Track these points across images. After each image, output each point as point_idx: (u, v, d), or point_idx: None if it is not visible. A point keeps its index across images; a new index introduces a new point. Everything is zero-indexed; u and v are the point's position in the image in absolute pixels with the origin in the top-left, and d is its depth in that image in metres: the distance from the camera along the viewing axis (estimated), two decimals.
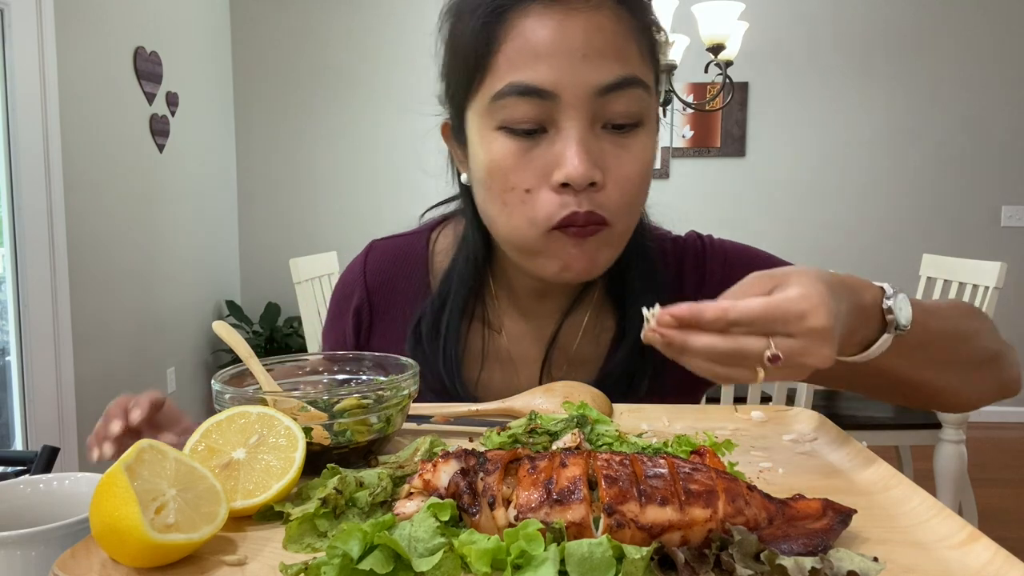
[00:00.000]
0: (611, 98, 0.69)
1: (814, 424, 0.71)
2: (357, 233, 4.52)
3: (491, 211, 0.74)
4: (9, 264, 2.90)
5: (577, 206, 0.69)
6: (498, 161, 0.71)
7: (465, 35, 0.72)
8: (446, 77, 0.77)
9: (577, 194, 0.69)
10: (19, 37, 2.80)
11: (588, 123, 0.69)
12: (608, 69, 0.68)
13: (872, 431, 2.60)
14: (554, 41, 0.68)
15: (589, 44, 0.68)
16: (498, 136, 0.70)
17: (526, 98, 0.68)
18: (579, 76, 0.68)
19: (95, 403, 3.18)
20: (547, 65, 0.67)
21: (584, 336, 0.86)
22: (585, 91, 0.68)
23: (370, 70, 4.43)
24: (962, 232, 4.31)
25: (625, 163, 0.70)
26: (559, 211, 0.69)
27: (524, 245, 0.73)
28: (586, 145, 0.68)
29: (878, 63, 4.29)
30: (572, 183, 0.68)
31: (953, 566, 0.44)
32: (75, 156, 3.05)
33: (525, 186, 0.70)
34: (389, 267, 0.92)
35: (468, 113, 0.74)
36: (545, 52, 0.68)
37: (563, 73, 0.67)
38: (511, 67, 0.69)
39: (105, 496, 0.43)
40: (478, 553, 0.41)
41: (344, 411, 0.60)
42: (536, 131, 0.70)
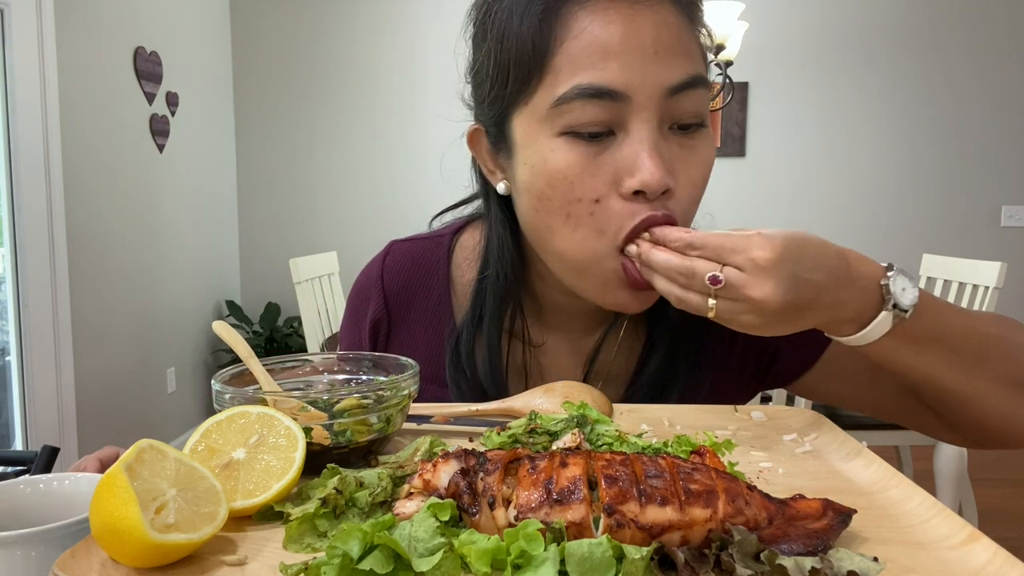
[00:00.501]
0: (680, 98, 0.65)
1: (814, 424, 0.71)
2: (357, 233, 4.53)
3: (552, 225, 0.68)
4: (9, 264, 2.90)
5: (652, 210, 0.65)
6: (563, 170, 0.66)
7: (514, 35, 0.66)
8: (486, 80, 0.71)
9: (650, 202, 0.65)
10: (19, 37, 2.80)
11: (658, 124, 0.65)
12: (679, 67, 0.65)
13: (872, 431, 2.60)
14: (624, 38, 0.63)
15: (659, 42, 0.64)
16: (561, 143, 0.66)
17: (595, 100, 0.63)
18: (651, 75, 0.64)
19: (95, 403, 3.18)
20: (618, 64, 0.63)
21: (617, 351, 0.84)
22: (657, 91, 0.64)
23: (370, 70, 4.43)
24: (962, 232, 4.31)
25: (692, 165, 0.68)
26: (629, 221, 0.65)
27: (587, 264, 0.68)
28: (659, 149, 0.65)
29: (878, 63, 4.29)
30: (648, 190, 0.64)
31: (953, 566, 0.44)
32: (75, 156, 3.05)
33: (593, 196, 0.65)
34: (408, 272, 0.88)
35: (516, 118, 0.69)
36: (615, 50, 0.63)
37: (635, 72, 0.63)
38: (576, 68, 0.64)
39: (105, 496, 0.43)
40: (478, 553, 0.41)
41: (344, 411, 0.60)
42: (603, 135, 0.65)
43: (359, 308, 0.91)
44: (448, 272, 0.88)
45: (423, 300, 0.88)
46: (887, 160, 4.34)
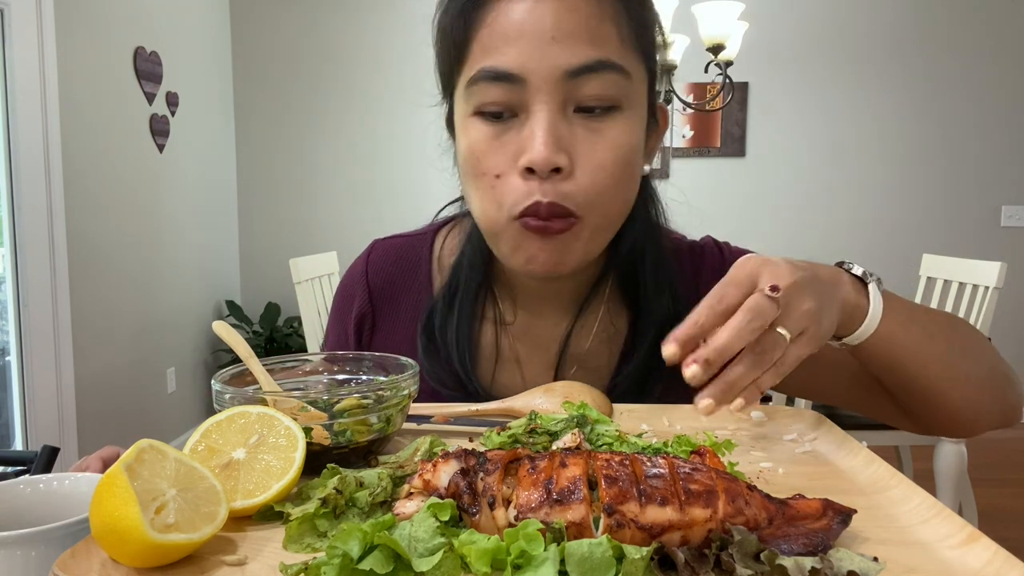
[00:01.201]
0: (582, 81, 0.67)
1: (814, 424, 0.71)
2: (357, 233, 4.53)
3: (467, 195, 0.74)
4: (9, 264, 2.90)
5: (541, 195, 0.67)
6: (472, 146, 0.70)
7: (447, 23, 0.72)
8: (437, 67, 0.77)
9: (542, 181, 0.67)
10: (19, 37, 2.80)
11: (558, 107, 0.67)
12: (579, 51, 0.67)
13: (872, 431, 2.60)
14: (523, 24, 0.67)
15: (559, 26, 0.66)
16: (474, 121, 0.70)
17: (496, 83, 0.68)
18: (547, 59, 0.66)
19: (95, 403, 3.18)
20: (515, 49, 0.67)
21: (595, 338, 0.84)
22: (553, 74, 0.66)
23: (370, 70, 4.44)
24: (962, 232, 4.31)
25: (597, 148, 0.68)
26: (524, 199, 0.68)
27: (492, 232, 0.73)
28: (553, 129, 0.67)
29: (878, 63, 4.29)
30: (535, 167, 0.66)
31: (953, 566, 0.44)
32: (75, 156, 3.05)
33: (495, 171, 0.69)
34: (392, 268, 0.90)
35: (454, 103, 0.75)
36: (514, 35, 0.67)
37: (531, 56, 0.66)
38: (484, 52, 0.68)
39: (105, 496, 0.43)
40: (478, 553, 0.41)
41: (344, 411, 0.60)
42: (506, 115, 0.69)
43: (344, 305, 0.92)
44: (431, 267, 0.90)
45: (407, 295, 0.89)
46: (887, 160, 4.34)
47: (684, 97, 4.19)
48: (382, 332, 0.90)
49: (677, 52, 3.01)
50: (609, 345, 0.84)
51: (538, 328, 0.85)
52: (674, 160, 4.41)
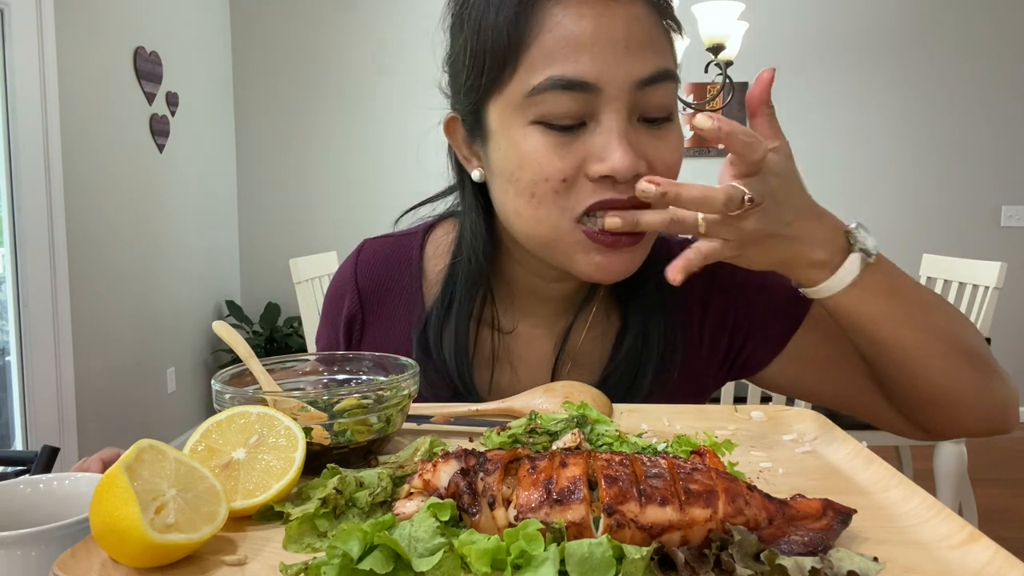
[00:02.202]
0: (649, 91, 0.68)
1: (814, 424, 0.71)
2: (357, 233, 4.51)
3: (517, 204, 0.71)
4: (9, 264, 2.90)
5: (617, 193, 0.67)
6: (533, 155, 0.68)
7: (491, 26, 0.69)
8: (463, 69, 0.73)
9: (616, 185, 0.67)
10: (19, 37, 2.80)
11: (627, 115, 0.68)
12: (649, 61, 0.67)
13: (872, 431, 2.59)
14: (596, 32, 0.66)
15: (630, 36, 0.67)
16: (533, 131, 0.68)
17: (568, 92, 0.66)
18: (622, 68, 0.66)
19: (95, 403, 3.18)
20: (590, 57, 0.66)
21: (588, 335, 0.85)
22: (628, 83, 0.67)
23: (370, 70, 4.44)
24: (962, 232, 4.31)
25: (664, 153, 0.70)
26: (593, 198, 0.68)
27: (551, 238, 0.71)
28: (628, 137, 0.67)
29: (878, 63, 4.29)
30: (617, 175, 0.66)
31: (953, 566, 0.44)
32: (75, 156, 3.05)
33: (561, 177, 0.68)
34: (381, 268, 0.90)
35: (491, 107, 0.71)
36: (587, 43, 0.66)
37: (607, 65, 0.66)
38: (549, 59, 0.66)
39: (105, 496, 0.43)
40: (478, 553, 0.41)
41: (344, 411, 0.60)
42: (575, 126, 0.68)
43: (334, 306, 0.92)
44: (420, 267, 0.89)
45: (396, 295, 0.89)
46: (887, 160, 4.34)
47: (684, 97, 4.19)
48: (371, 333, 0.90)
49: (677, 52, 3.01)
50: (601, 342, 0.85)
51: (534, 329, 0.85)
52: None
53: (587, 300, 0.84)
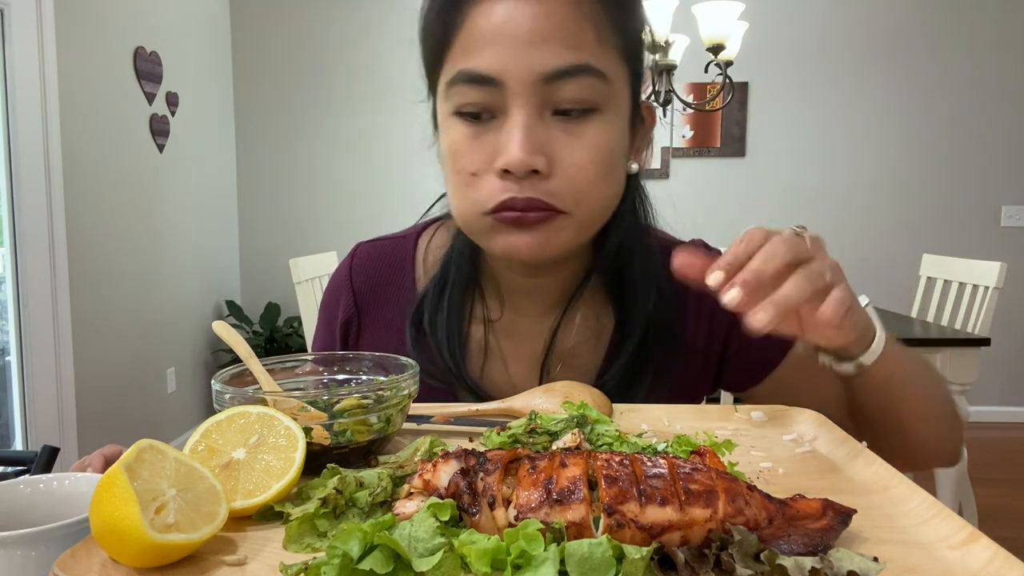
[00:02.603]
0: (560, 84, 0.67)
1: (814, 424, 0.71)
2: (357, 233, 4.50)
3: (447, 190, 0.76)
4: (9, 264, 2.90)
5: (518, 192, 0.68)
6: (451, 145, 0.72)
7: (428, 24, 0.74)
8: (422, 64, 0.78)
9: (519, 181, 0.68)
10: (19, 37, 2.80)
11: (536, 109, 0.68)
12: (556, 55, 0.67)
13: None
14: (501, 27, 0.67)
15: (536, 30, 0.67)
16: (454, 121, 0.71)
17: (474, 85, 0.68)
18: (523, 62, 0.67)
19: (95, 403, 3.18)
20: (492, 52, 0.67)
21: (581, 336, 0.85)
22: (530, 77, 0.67)
23: (370, 70, 4.44)
24: (962, 232, 4.31)
25: (576, 150, 0.69)
26: (498, 196, 0.69)
27: (468, 226, 0.75)
28: (530, 132, 0.67)
29: (878, 63, 4.29)
30: (512, 169, 0.67)
31: (953, 566, 0.44)
32: (75, 156, 3.06)
33: (472, 170, 0.70)
34: (375, 270, 0.91)
35: (437, 100, 0.76)
36: (491, 38, 0.67)
37: (507, 60, 0.67)
38: (463, 54, 0.69)
39: (105, 496, 0.43)
40: (478, 553, 0.41)
41: (344, 411, 0.60)
42: (485, 116, 0.70)
43: (330, 309, 0.93)
44: (414, 268, 0.90)
45: (391, 296, 0.90)
46: (887, 160, 4.34)
47: (684, 97, 4.19)
48: (367, 334, 0.90)
49: (677, 52, 3.01)
50: (595, 343, 0.85)
51: (523, 325, 0.85)
52: (674, 160, 4.41)
53: (574, 299, 0.84)
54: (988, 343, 2.49)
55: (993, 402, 4.36)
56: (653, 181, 4.43)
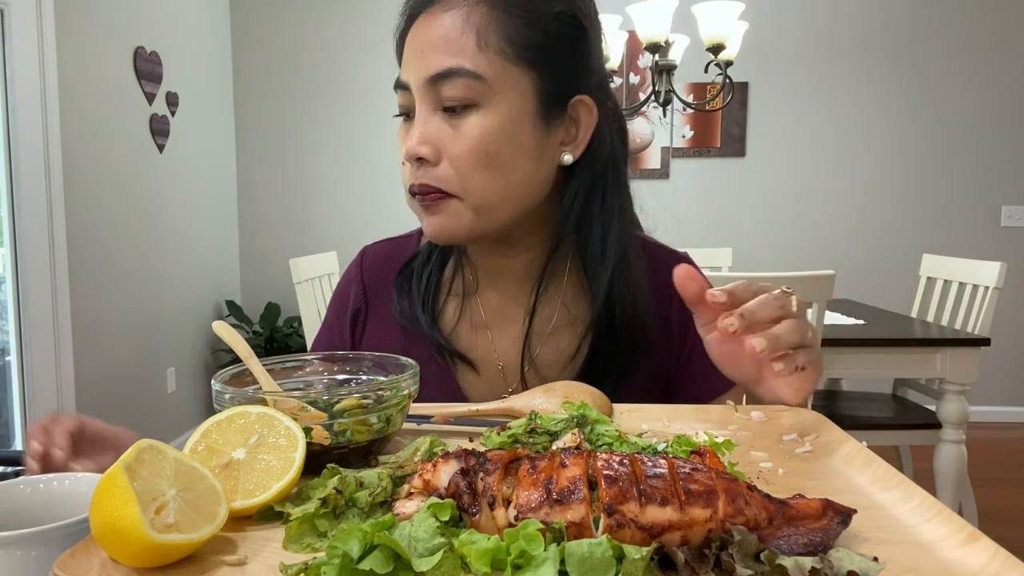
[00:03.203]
0: (440, 85, 0.78)
1: (814, 424, 0.71)
2: (357, 233, 4.53)
3: None
4: (9, 263, 2.90)
5: (415, 179, 0.81)
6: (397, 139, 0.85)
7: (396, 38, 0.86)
8: None
9: (416, 168, 0.80)
10: (19, 37, 2.80)
11: (430, 108, 0.80)
12: (437, 61, 0.78)
13: (872, 431, 2.60)
14: (411, 41, 0.81)
15: (425, 41, 0.79)
16: (399, 120, 0.85)
17: (400, 91, 0.82)
18: (418, 69, 0.79)
19: (95, 403, 3.18)
20: (406, 62, 0.81)
21: (560, 320, 0.91)
22: (420, 80, 0.79)
23: (370, 70, 4.43)
24: (962, 232, 4.31)
25: (456, 142, 0.79)
26: (408, 181, 0.82)
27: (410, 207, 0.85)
28: (422, 126, 0.79)
29: (878, 63, 4.29)
30: (406, 159, 0.80)
31: (953, 566, 0.44)
32: (75, 156, 3.06)
33: (401, 159, 0.83)
34: (383, 265, 0.98)
35: None
36: (407, 51, 0.81)
37: (409, 67, 0.80)
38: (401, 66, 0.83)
39: (105, 496, 0.43)
40: (478, 553, 0.41)
41: (344, 411, 0.60)
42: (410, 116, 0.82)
43: (341, 303, 1.00)
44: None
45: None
46: (887, 160, 4.34)
47: (684, 97, 4.19)
48: (372, 323, 0.97)
49: (677, 52, 3.01)
50: (571, 328, 0.90)
51: (503, 302, 0.93)
52: (674, 160, 4.41)
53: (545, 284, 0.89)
54: (988, 343, 2.49)
55: (993, 402, 4.37)
56: (653, 181, 4.46)
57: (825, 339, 2.38)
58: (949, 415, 2.51)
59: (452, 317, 0.93)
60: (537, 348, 0.90)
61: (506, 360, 0.90)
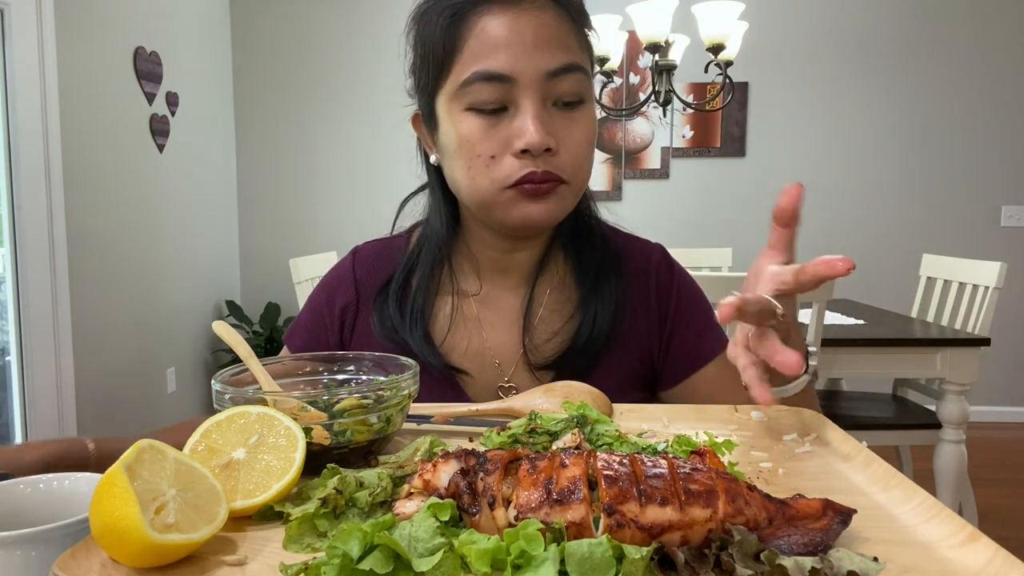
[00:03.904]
0: (558, 80, 0.82)
1: (814, 424, 0.71)
2: (356, 233, 4.51)
3: (458, 176, 0.86)
4: (9, 263, 2.90)
5: (536, 167, 0.82)
6: (467, 135, 0.83)
7: (432, 35, 0.84)
8: (416, 72, 0.89)
9: (535, 158, 0.82)
10: (19, 37, 2.80)
11: (541, 101, 0.82)
12: (555, 56, 0.81)
13: (872, 431, 2.60)
14: (510, 35, 0.81)
15: (538, 36, 0.81)
16: (467, 116, 0.83)
17: (489, 83, 0.81)
18: (532, 62, 0.80)
19: (95, 403, 3.19)
20: (505, 55, 0.80)
21: (550, 307, 0.95)
22: (537, 74, 0.81)
23: (370, 70, 4.44)
24: (962, 232, 4.31)
25: (574, 132, 0.84)
26: (519, 172, 0.82)
27: (485, 202, 0.85)
28: (541, 119, 0.81)
29: (878, 63, 4.29)
30: (531, 149, 0.81)
31: (953, 566, 0.44)
32: (75, 156, 3.05)
33: (490, 153, 0.83)
34: (374, 263, 1.00)
35: (439, 100, 0.86)
36: (504, 44, 0.81)
37: (518, 60, 0.80)
38: (475, 58, 0.81)
39: (105, 496, 0.43)
40: (478, 553, 0.41)
41: (344, 411, 0.60)
42: (499, 110, 0.82)
43: (327, 297, 1.00)
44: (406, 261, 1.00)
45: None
46: (887, 160, 4.34)
47: (684, 97, 4.19)
48: (362, 322, 0.98)
49: (677, 52, 3.01)
50: (562, 314, 0.95)
51: (499, 295, 0.97)
52: (674, 160, 4.41)
53: (542, 273, 0.96)
54: (988, 343, 2.49)
55: (993, 402, 4.37)
56: (653, 181, 4.46)
57: (825, 339, 2.38)
58: (949, 415, 2.51)
59: (445, 320, 0.95)
60: (535, 333, 0.94)
61: (501, 351, 0.93)
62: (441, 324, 0.95)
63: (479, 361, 0.93)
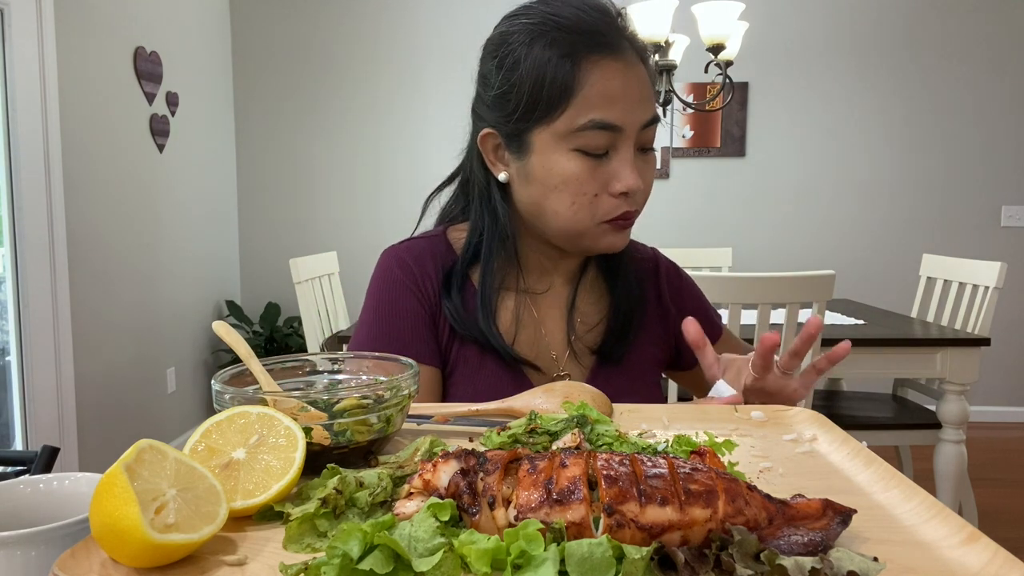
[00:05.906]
0: (647, 130, 0.93)
1: (814, 424, 0.71)
2: (357, 233, 4.54)
3: (557, 208, 0.94)
4: (9, 264, 2.90)
5: (629, 206, 0.93)
6: (576, 174, 0.91)
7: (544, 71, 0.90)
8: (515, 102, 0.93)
9: (628, 197, 0.93)
10: (19, 37, 2.80)
11: (635, 148, 0.92)
12: (649, 110, 0.93)
13: (872, 431, 2.60)
14: (624, 88, 0.90)
15: (642, 92, 0.92)
16: (575, 156, 0.91)
17: (603, 131, 0.90)
18: (637, 115, 0.91)
19: (95, 403, 3.18)
20: (620, 107, 0.90)
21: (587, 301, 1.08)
22: (638, 125, 0.91)
23: (370, 70, 4.44)
24: (962, 232, 4.31)
25: (648, 174, 0.96)
26: (618, 209, 0.93)
27: (578, 231, 0.95)
28: (635, 164, 0.92)
29: (878, 63, 4.29)
30: (629, 191, 0.92)
31: (953, 566, 0.44)
32: (75, 156, 3.05)
33: (594, 192, 0.92)
34: (424, 262, 1.03)
35: (537, 131, 0.92)
36: (619, 97, 0.90)
37: (629, 113, 0.90)
38: (590, 106, 0.89)
39: (105, 496, 0.43)
40: (478, 553, 0.41)
41: (344, 411, 0.60)
42: (602, 155, 0.91)
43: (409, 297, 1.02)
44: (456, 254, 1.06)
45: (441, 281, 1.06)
46: (887, 160, 4.34)
47: (684, 97, 4.19)
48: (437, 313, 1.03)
49: (677, 52, 3.01)
50: (598, 307, 1.08)
51: (551, 294, 1.07)
52: (674, 160, 4.41)
53: (583, 272, 1.08)
54: (988, 343, 2.49)
55: (993, 402, 4.37)
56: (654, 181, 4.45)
57: (825, 339, 2.38)
58: (949, 415, 2.51)
59: (508, 315, 1.03)
60: (577, 323, 1.05)
61: (554, 344, 1.04)
62: (505, 319, 1.02)
63: (542, 353, 1.02)
